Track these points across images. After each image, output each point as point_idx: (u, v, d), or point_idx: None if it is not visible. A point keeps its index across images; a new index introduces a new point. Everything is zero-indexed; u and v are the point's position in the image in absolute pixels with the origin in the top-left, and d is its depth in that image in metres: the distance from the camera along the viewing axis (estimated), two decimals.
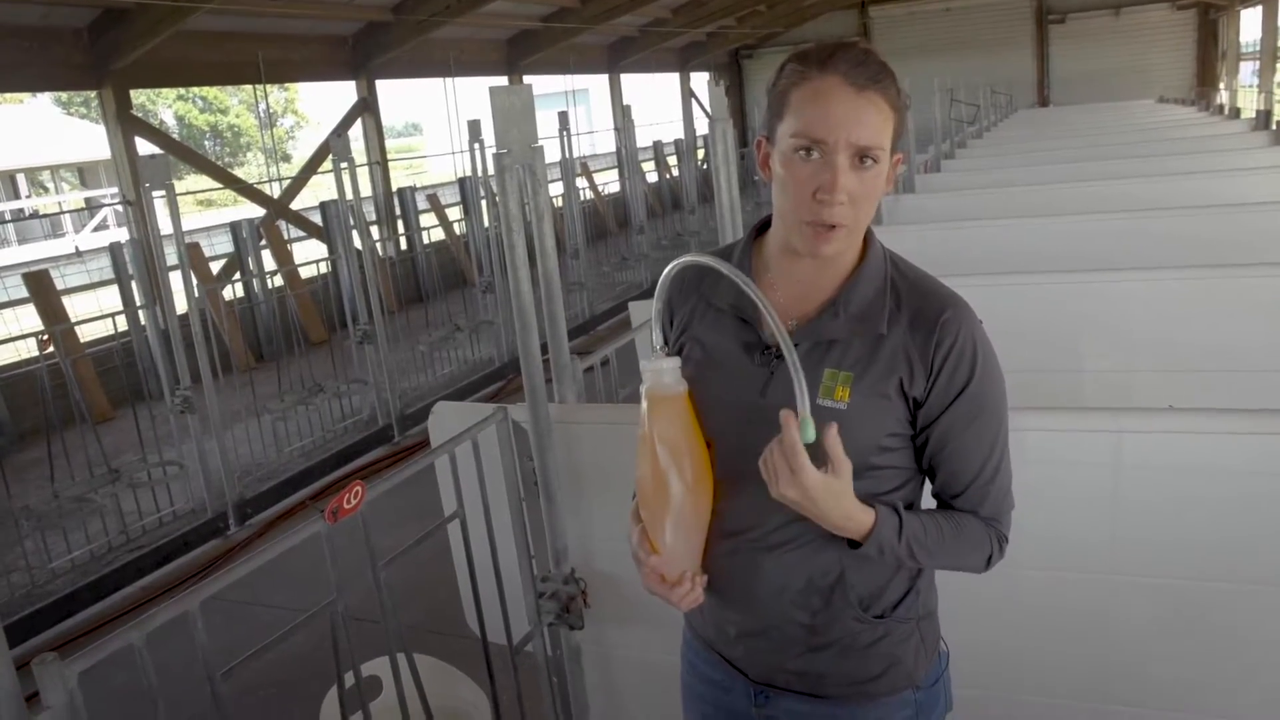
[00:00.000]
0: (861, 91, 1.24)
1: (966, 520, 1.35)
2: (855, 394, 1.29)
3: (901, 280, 1.35)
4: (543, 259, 2.21)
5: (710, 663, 1.51)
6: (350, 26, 10.81)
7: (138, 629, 1.37)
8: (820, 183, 1.24)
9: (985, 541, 1.36)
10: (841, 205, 1.24)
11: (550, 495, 2.22)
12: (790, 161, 1.26)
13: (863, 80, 1.24)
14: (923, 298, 1.33)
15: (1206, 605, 1.79)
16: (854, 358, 1.31)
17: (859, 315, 1.32)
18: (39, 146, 23.87)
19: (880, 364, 1.30)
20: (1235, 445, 1.71)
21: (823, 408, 1.29)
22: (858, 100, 1.23)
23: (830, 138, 1.23)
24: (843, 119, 1.23)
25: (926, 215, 5.21)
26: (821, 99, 1.24)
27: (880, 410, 1.31)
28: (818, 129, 1.23)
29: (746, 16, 18.78)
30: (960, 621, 1.69)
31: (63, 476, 4.99)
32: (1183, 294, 2.96)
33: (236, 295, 8.73)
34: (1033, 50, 19.61)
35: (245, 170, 27.91)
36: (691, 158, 12.31)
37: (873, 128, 1.24)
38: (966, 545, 1.36)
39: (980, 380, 1.31)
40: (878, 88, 1.25)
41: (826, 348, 1.32)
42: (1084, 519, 1.84)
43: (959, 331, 1.30)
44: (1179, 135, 7.75)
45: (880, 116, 1.25)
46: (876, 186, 1.28)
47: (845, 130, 1.23)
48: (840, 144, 1.23)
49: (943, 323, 1.30)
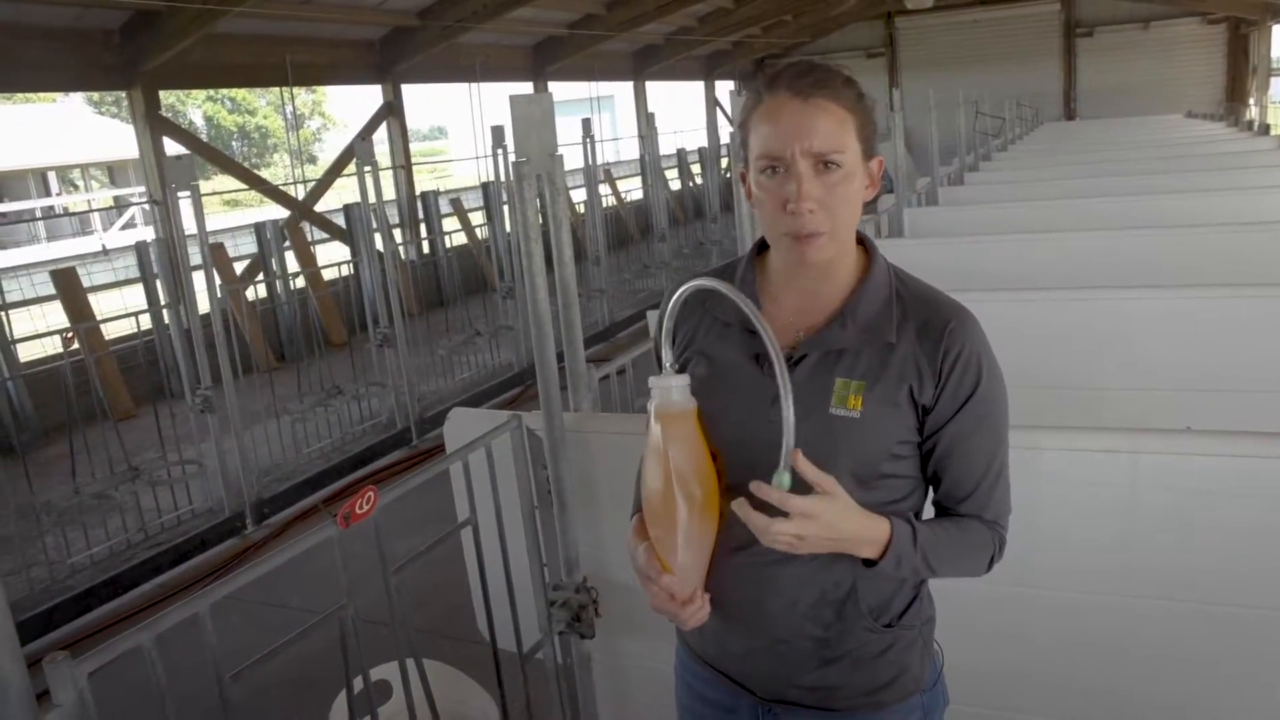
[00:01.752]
0: (807, 100, 1.28)
1: (970, 525, 1.38)
2: (868, 402, 1.31)
3: (906, 291, 1.37)
4: (560, 267, 2.22)
5: (711, 682, 1.49)
6: (377, 31, 10.89)
7: (148, 630, 1.38)
8: (787, 194, 1.28)
9: (989, 544, 1.39)
10: (812, 213, 1.27)
11: (564, 503, 2.23)
12: (761, 182, 1.31)
13: (807, 89, 1.28)
14: (928, 307, 1.35)
15: (1221, 630, 1.77)
16: (865, 367, 1.33)
17: (867, 325, 1.34)
18: (71, 145, 24.20)
19: (891, 373, 1.32)
20: (1254, 469, 1.70)
21: (836, 417, 1.31)
22: (805, 109, 1.27)
23: (786, 151, 1.27)
24: (793, 130, 1.27)
25: (948, 228, 5.19)
26: (772, 116, 1.29)
27: (892, 418, 1.32)
28: (773, 145, 1.28)
29: (772, 26, 18.79)
30: (971, 641, 1.68)
31: (84, 473, 5.04)
32: (1205, 313, 2.93)
33: (260, 296, 8.80)
34: (1060, 63, 19.50)
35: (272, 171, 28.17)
36: (715, 166, 12.29)
37: (825, 132, 1.27)
38: (973, 549, 1.38)
39: (986, 386, 1.33)
40: (824, 93, 1.28)
41: (837, 357, 1.34)
42: (1098, 540, 1.83)
43: (965, 340, 1.33)
44: (1206, 151, 7.69)
45: (832, 120, 1.28)
46: (849, 190, 1.30)
47: (798, 140, 1.27)
48: (796, 154, 1.27)
49: (949, 331, 1.32)
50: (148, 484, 5.10)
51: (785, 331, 1.37)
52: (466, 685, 2.34)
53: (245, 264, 9.69)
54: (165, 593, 4.61)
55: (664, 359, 1.35)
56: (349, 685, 1.80)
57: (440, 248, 10.20)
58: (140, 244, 8.00)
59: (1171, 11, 18.49)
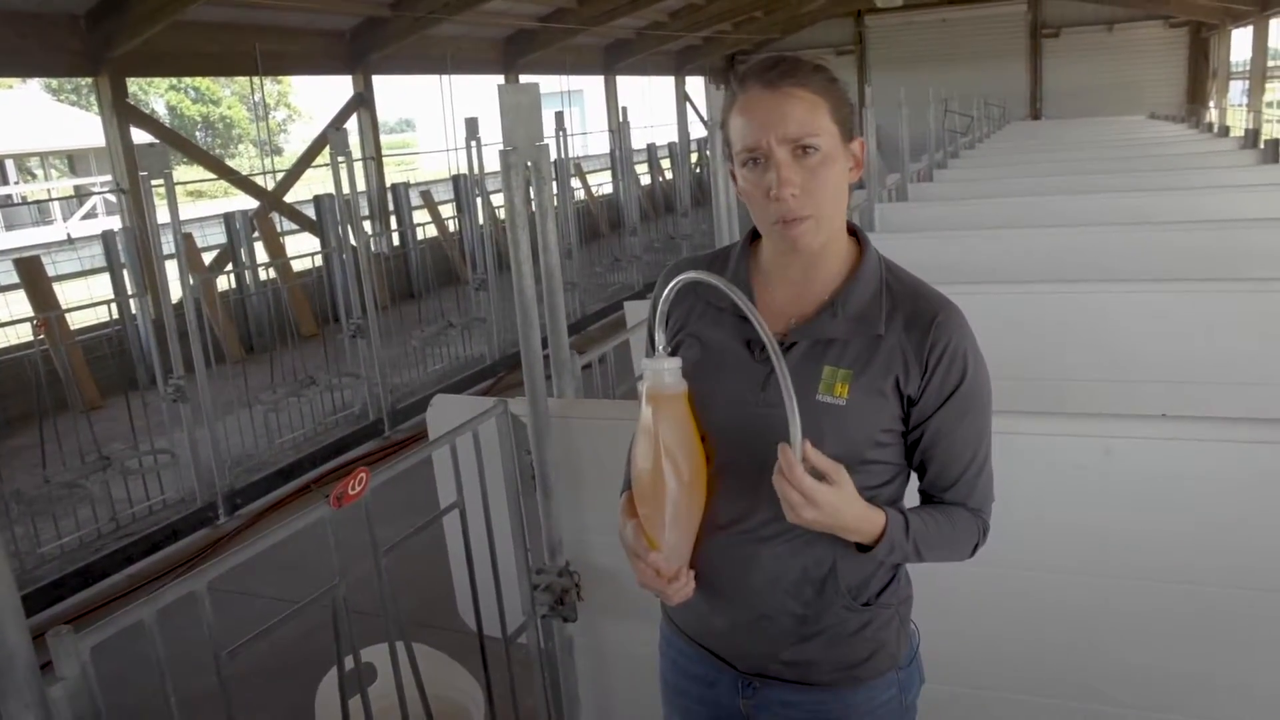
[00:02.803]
0: (776, 89, 1.32)
1: (956, 513, 1.42)
2: (854, 391, 1.35)
3: (896, 283, 1.41)
4: (545, 255, 2.24)
5: (693, 657, 1.53)
6: (348, 21, 10.81)
7: (149, 605, 1.40)
8: (768, 184, 1.31)
9: (974, 531, 1.44)
10: (795, 197, 1.31)
11: (547, 489, 2.26)
12: (744, 175, 1.35)
13: (775, 79, 1.32)
14: (917, 301, 1.39)
15: (1193, 608, 1.84)
16: (852, 356, 1.36)
17: (857, 316, 1.37)
18: (28, 132, 23.72)
19: (878, 363, 1.36)
20: (1222, 452, 1.76)
21: (822, 404, 1.34)
22: (775, 98, 1.32)
23: (762, 140, 1.31)
24: (765, 119, 1.31)
25: (918, 223, 5.28)
26: (746, 110, 1.33)
27: (877, 407, 1.36)
28: (750, 137, 1.32)
29: (743, 22, 18.85)
30: (946, 619, 1.73)
31: (53, 463, 4.98)
32: (1168, 307, 3.02)
33: (229, 286, 8.72)
34: (1026, 63, 19.76)
35: (237, 162, 27.83)
36: (685, 161, 12.34)
37: (796, 118, 1.31)
38: (960, 536, 1.43)
39: (972, 379, 1.37)
40: (791, 80, 1.32)
41: (825, 346, 1.37)
42: (1072, 521, 1.88)
43: (952, 333, 1.36)
44: (1169, 151, 7.85)
45: (803, 105, 1.32)
46: (831, 173, 1.34)
47: (771, 129, 1.31)
48: (772, 142, 1.31)
49: (937, 324, 1.36)
50: (118, 474, 5.05)
51: (776, 319, 1.40)
52: (451, 668, 2.37)
53: (214, 255, 9.59)
54: (135, 584, 4.57)
55: (657, 342, 1.38)
56: (340, 664, 1.81)
57: (411, 240, 10.16)
58: (107, 233, 7.90)
59: (1135, 15, 18.79)
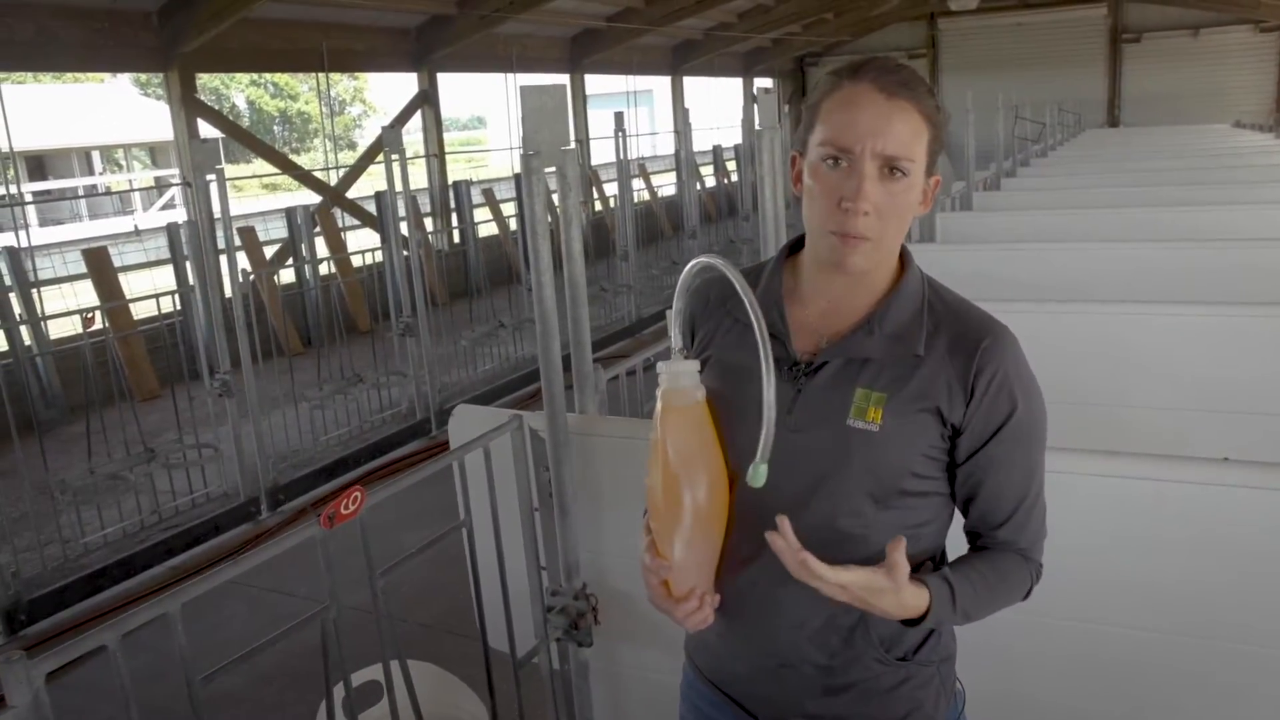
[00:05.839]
0: (891, 98, 1.20)
1: (1006, 561, 1.31)
2: (888, 415, 1.24)
3: (939, 303, 1.30)
4: (569, 264, 2.15)
5: (715, 704, 1.44)
6: (414, 19, 10.89)
7: (112, 630, 1.33)
8: (845, 191, 1.20)
9: (1025, 577, 1.33)
10: (867, 216, 1.21)
11: (564, 507, 2.17)
12: (818, 171, 1.24)
13: (893, 86, 1.21)
14: (962, 322, 1.28)
15: (1249, 670, 1.68)
16: (888, 378, 1.26)
17: (895, 335, 1.27)
18: (116, 125, 24.51)
19: (916, 387, 1.25)
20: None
21: (853, 429, 1.25)
22: (887, 106, 1.20)
23: (857, 145, 1.20)
24: (870, 126, 1.20)
25: (982, 234, 5.06)
26: (850, 105, 1.21)
27: (913, 434, 1.25)
28: (845, 136, 1.20)
29: (813, 24, 18.61)
30: (988, 673, 1.60)
31: (102, 453, 5.05)
32: (1245, 331, 2.81)
33: (290, 280, 8.82)
34: (1104, 69, 19.13)
35: (311, 157, 28.32)
36: (750, 163, 12.20)
37: (901, 137, 1.20)
38: (1012, 588, 1.33)
39: (1023, 411, 1.26)
40: (909, 94, 1.21)
41: (860, 366, 1.27)
42: (1121, 571, 1.74)
43: (1001, 360, 1.25)
44: (1254, 162, 7.47)
45: (910, 127, 1.21)
46: (906, 202, 1.23)
47: (872, 138, 1.19)
48: (867, 152, 1.20)
49: (983, 349, 1.25)
50: (163, 466, 5.10)
51: (809, 336, 1.31)
52: (458, 688, 2.29)
53: (275, 248, 9.73)
54: (176, 576, 4.60)
55: (673, 342, 1.29)
56: (329, 693, 1.74)
57: (471, 237, 10.17)
58: (171, 225, 8.05)
59: (1223, 19, 18.07)
